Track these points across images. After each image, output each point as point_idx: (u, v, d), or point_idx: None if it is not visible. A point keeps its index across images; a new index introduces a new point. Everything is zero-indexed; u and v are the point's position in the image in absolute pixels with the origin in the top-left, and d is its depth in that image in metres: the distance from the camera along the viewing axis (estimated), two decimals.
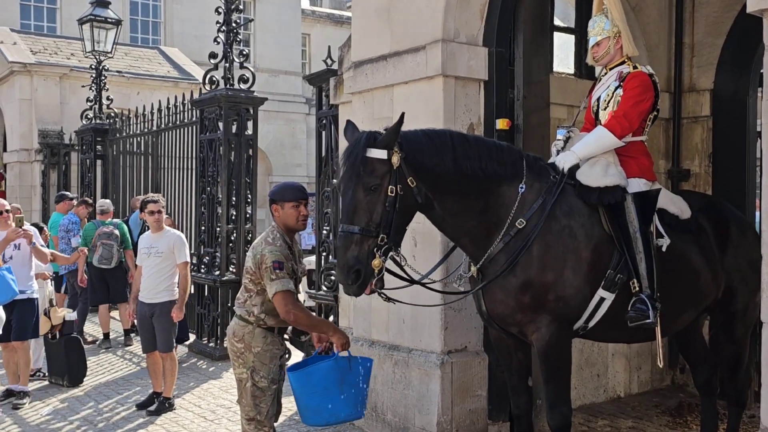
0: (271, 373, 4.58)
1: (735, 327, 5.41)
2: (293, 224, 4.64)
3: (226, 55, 9.79)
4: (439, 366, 5.79)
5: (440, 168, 4.45)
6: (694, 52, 7.95)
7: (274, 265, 4.43)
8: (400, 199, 4.28)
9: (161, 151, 11.79)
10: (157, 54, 21.09)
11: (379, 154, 4.26)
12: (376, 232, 4.23)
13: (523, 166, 4.68)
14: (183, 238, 7.49)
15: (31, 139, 17.33)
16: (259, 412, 4.56)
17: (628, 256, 4.60)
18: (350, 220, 4.25)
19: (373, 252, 4.23)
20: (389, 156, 4.26)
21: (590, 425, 6.74)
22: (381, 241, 4.24)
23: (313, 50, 30.27)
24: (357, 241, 4.23)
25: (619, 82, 4.88)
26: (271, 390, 4.58)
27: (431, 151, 4.45)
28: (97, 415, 7.24)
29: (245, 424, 4.62)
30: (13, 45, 18.19)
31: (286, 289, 4.41)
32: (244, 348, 4.56)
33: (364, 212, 4.25)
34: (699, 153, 7.91)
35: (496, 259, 4.62)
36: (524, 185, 4.62)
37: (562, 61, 7.54)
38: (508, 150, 4.83)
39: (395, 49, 6.17)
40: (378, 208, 4.25)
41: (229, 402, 7.58)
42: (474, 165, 4.53)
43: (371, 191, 4.24)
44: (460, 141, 4.60)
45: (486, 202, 4.61)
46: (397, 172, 4.27)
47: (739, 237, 5.37)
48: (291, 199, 4.61)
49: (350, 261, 4.22)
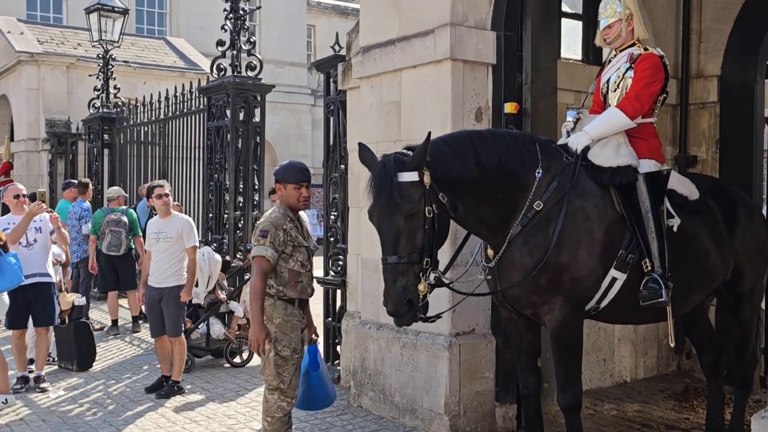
0: (293, 343, 4.75)
1: (742, 309, 5.44)
2: (294, 204, 4.85)
3: (234, 43, 9.81)
4: (447, 348, 5.83)
5: (466, 175, 4.47)
6: (702, 38, 7.95)
7: (260, 233, 4.66)
8: (437, 218, 4.26)
9: (168, 140, 11.84)
10: (163, 44, 21.11)
11: (410, 177, 4.21)
12: (419, 257, 4.21)
13: (537, 151, 4.72)
14: (191, 223, 7.54)
15: (39, 128, 17.39)
16: (282, 381, 4.71)
17: (639, 236, 4.63)
18: (393, 251, 4.22)
19: (419, 277, 4.22)
20: (421, 177, 4.22)
21: (596, 409, 6.78)
22: (426, 265, 4.23)
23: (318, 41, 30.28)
24: (403, 270, 4.21)
25: (630, 63, 4.89)
26: (293, 359, 4.75)
27: (456, 161, 4.45)
28: (107, 398, 7.29)
29: (268, 394, 4.76)
30: (20, 35, 18.23)
31: (260, 255, 4.60)
32: (265, 320, 4.70)
33: (406, 241, 4.22)
34: (706, 139, 7.93)
35: (514, 242, 4.66)
36: (540, 170, 4.66)
37: (570, 47, 7.55)
38: (522, 138, 4.88)
39: (403, 34, 6.19)
40: (419, 233, 4.23)
41: (237, 386, 7.64)
42: (495, 162, 4.55)
43: (411, 218, 4.21)
44: (481, 141, 4.60)
45: (505, 192, 4.64)
46: (430, 191, 4.24)
47: (747, 219, 5.39)
48: (293, 180, 4.82)
49: (400, 292, 4.21)
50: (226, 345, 8.47)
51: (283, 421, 4.76)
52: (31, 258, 7.25)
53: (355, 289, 7.31)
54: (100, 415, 6.72)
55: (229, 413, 6.74)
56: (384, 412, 6.37)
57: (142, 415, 6.71)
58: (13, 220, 7.32)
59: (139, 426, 6.41)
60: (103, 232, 10.12)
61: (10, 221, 7.33)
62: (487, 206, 4.62)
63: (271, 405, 4.75)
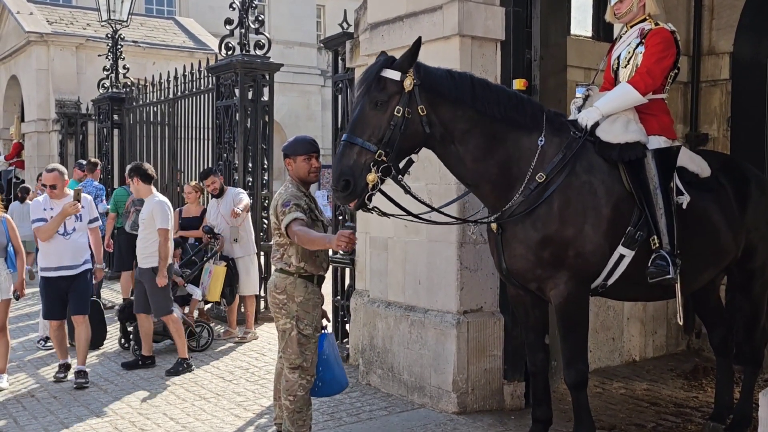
0: (315, 321, 4.78)
1: (753, 286, 5.41)
2: (305, 176, 4.80)
3: (242, 21, 9.77)
4: (455, 326, 5.83)
5: (459, 104, 4.50)
6: (714, 15, 7.87)
7: (282, 204, 4.63)
8: (406, 123, 4.35)
9: (178, 119, 11.83)
10: (172, 24, 21.05)
11: (392, 74, 4.37)
12: (375, 147, 4.29)
13: (543, 120, 4.69)
14: (163, 205, 7.47)
15: (48, 109, 17.42)
16: (305, 359, 4.73)
17: (648, 213, 4.61)
18: (353, 131, 4.34)
19: (369, 166, 4.28)
20: (402, 78, 4.36)
21: (605, 387, 6.78)
22: (378, 157, 4.29)
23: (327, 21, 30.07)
24: (356, 152, 4.30)
25: (641, 39, 4.84)
26: (315, 337, 4.77)
27: (450, 85, 4.51)
28: (117, 375, 7.35)
29: (289, 373, 4.76)
30: (30, 15, 18.21)
31: (294, 218, 4.54)
32: (286, 299, 4.72)
33: (367, 126, 4.33)
34: (717, 117, 7.87)
35: (516, 212, 4.63)
36: (543, 138, 4.64)
37: (580, 24, 7.48)
38: (529, 102, 4.87)
39: (412, 10, 6.14)
40: (381, 124, 4.33)
41: (246, 363, 7.68)
42: (493, 108, 4.57)
43: (377, 107, 4.35)
44: (481, 84, 4.66)
45: (506, 150, 4.63)
46: (408, 95, 4.36)
47: (759, 195, 5.35)
48: (302, 152, 4.77)
49: (344, 170, 4.29)
50: (185, 329, 8.11)
51: (305, 399, 4.79)
52: (66, 249, 6.99)
53: (363, 268, 7.31)
54: (111, 392, 6.77)
55: (239, 390, 6.78)
56: (392, 390, 6.39)
57: (152, 392, 6.76)
58: (50, 206, 7.01)
59: (149, 403, 6.46)
60: (127, 210, 10.03)
61: (47, 207, 7.02)
62: (488, 159, 4.59)
63: (293, 383, 4.75)
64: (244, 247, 8.75)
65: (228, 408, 6.29)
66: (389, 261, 6.53)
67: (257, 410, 6.20)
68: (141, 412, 6.22)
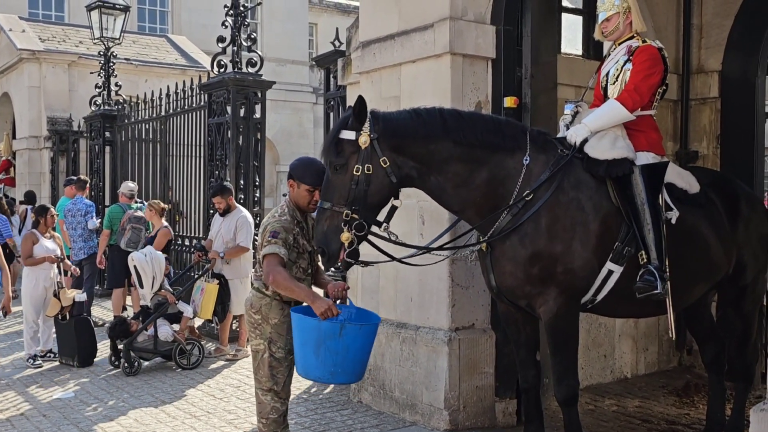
0: (288, 344, 4.60)
1: (744, 302, 5.43)
2: (304, 206, 4.69)
3: (234, 39, 9.81)
4: (447, 343, 5.82)
5: (431, 139, 4.55)
6: (703, 33, 7.94)
7: (270, 234, 4.53)
8: (369, 179, 4.41)
9: (170, 137, 11.83)
10: (165, 42, 21.10)
11: (348, 135, 4.45)
12: (343, 208, 4.39)
13: (525, 139, 4.72)
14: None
15: (40, 126, 17.39)
16: (276, 383, 4.60)
17: (636, 228, 4.62)
18: (323, 197, 4.48)
19: (341, 227, 4.39)
20: (357, 137, 4.42)
21: (597, 404, 6.77)
22: (347, 216, 4.38)
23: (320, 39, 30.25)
24: (327, 216, 4.42)
25: (628, 56, 4.88)
26: (287, 361, 4.61)
27: (416, 124, 4.55)
28: (107, 393, 7.29)
29: (261, 395, 4.64)
30: (22, 32, 18.22)
31: (273, 252, 4.46)
32: (261, 320, 4.60)
33: (333, 190, 4.44)
34: (707, 134, 7.92)
35: (504, 231, 4.64)
36: (528, 157, 4.67)
37: (570, 42, 7.54)
38: (507, 123, 4.89)
39: (403, 28, 6.18)
40: (345, 186, 4.42)
41: (237, 381, 7.64)
42: (468, 135, 4.60)
43: (337, 171, 4.43)
44: (452, 115, 4.69)
45: (489, 173, 4.65)
46: (367, 151, 4.41)
47: (750, 212, 5.38)
48: (309, 183, 4.61)
49: (317, 237, 4.49)
50: (176, 347, 8.21)
51: (278, 422, 4.65)
52: None
53: (355, 285, 7.28)
54: (101, 411, 6.72)
55: (229, 408, 6.74)
56: (384, 407, 6.36)
57: (142, 410, 6.71)
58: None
59: (139, 421, 6.41)
60: (122, 227, 10.00)
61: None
62: (470, 185, 4.63)
63: (265, 406, 4.63)
64: (235, 269, 8.56)
65: (219, 426, 6.25)
66: (381, 278, 6.53)
67: (248, 428, 6.16)
68: (131, 431, 6.17)
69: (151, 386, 7.50)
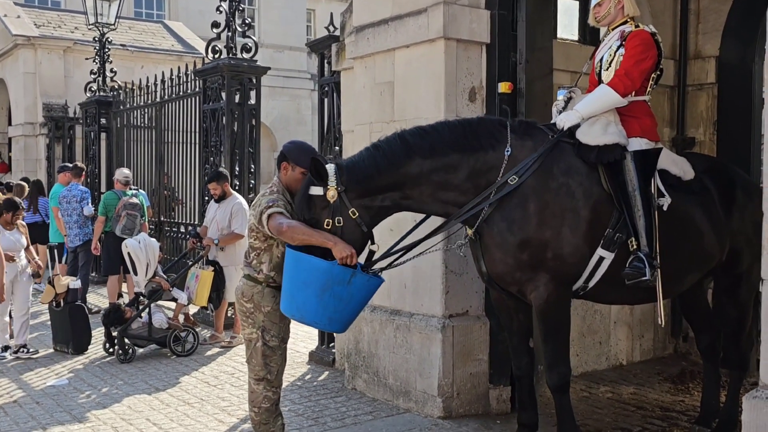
0: (281, 332, 4.58)
1: (739, 290, 5.40)
2: (295, 189, 4.59)
3: (229, 24, 9.73)
4: (441, 330, 5.80)
5: (397, 166, 4.51)
6: (700, 19, 7.88)
7: (269, 201, 4.45)
8: (341, 230, 4.36)
9: (165, 123, 11.78)
10: (161, 28, 21.00)
11: (316, 191, 4.41)
12: None
13: (506, 132, 4.67)
14: None
15: (36, 112, 17.33)
16: (269, 372, 4.56)
17: (627, 215, 4.59)
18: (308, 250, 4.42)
19: None
20: (324, 192, 4.38)
21: (591, 391, 6.76)
22: None
23: (318, 25, 30.02)
24: None
25: (621, 41, 4.83)
26: (281, 349, 4.59)
27: (378, 161, 4.50)
28: (101, 381, 7.28)
29: (254, 384, 4.61)
30: (17, 18, 18.14)
31: (278, 211, 4.40)
32: (253, 308, 4.55)
33: None
34: (704, 121, 7.87)
35: (491, 217, 4.62)
36: (510, 148, 4.62)
37: (566, 27, 7.49)
38: (480, 123, 4.81)
39: (397, 13, 6.12)
40: None
41: (231, 368, 7.62)
42: (437, 146, 4.56)
43: (312, 226, 4.37)
44: (414, 134, 4.63)
45: (468, 171, 4.61)
46: (336, 204, 4.37)
47: (746, 199, 5.32)
48: (304, 165, 4.52)
49: None
50: (170, 333, 8.18)
51: (270, 411, 4.62)
52: None
53: None
54: (94, 398, 6.70)
55: (223, 395, 6.73)
56: (378, 395, 6.35)
57: (135, 397, 6.70)
58: None
59: (133, 408, 6.39)
60: (118, 214, 9.95)
61: None
62: (450, 188, 4.60)
63: (258, 395, 4.60)
64: (229, 256, 8.48)
65: (212, 413, 6.24)
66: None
67: (241, 415, 6.14)
68: (124, 418, 6.16)
69: (145, 373, 7.48)
